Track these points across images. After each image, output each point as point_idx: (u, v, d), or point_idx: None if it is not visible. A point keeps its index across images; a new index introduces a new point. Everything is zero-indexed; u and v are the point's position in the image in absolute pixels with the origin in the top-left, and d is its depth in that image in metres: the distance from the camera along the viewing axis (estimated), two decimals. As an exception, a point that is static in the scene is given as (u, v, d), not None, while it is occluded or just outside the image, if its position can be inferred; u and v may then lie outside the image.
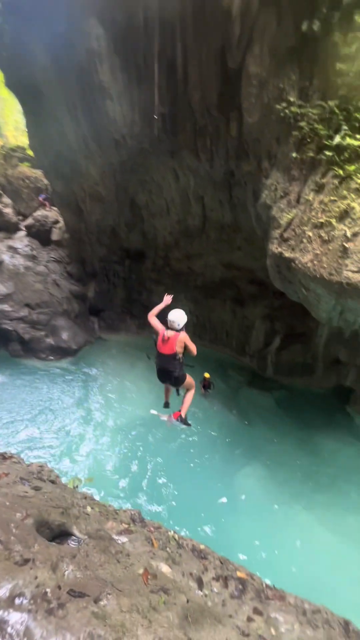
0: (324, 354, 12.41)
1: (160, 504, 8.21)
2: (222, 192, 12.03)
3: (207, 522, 7.77)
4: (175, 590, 2.14)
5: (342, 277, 5.28)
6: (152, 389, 12.90)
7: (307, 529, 7.71)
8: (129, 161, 11.97)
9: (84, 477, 7.83)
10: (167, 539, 3.37)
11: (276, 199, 7.33)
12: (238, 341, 15.16)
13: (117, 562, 2.12)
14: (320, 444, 10.57)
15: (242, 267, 14.27)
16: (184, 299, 15.87)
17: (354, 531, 7.58)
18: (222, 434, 10.88)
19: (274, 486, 8.94)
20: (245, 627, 2.16)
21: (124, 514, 3.62)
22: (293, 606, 2.67)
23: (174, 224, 14.56)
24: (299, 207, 6.57)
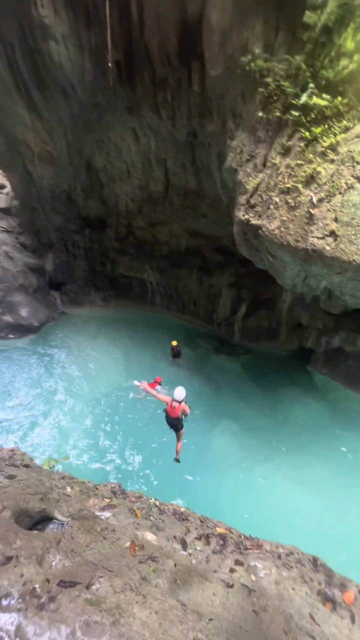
0: (287, 319, 13.00)
1: (139, 473, 8.48)
2: (186, 155, 11.44)
3: (182, 485, 8.20)
4: (162, 557, 2.21)
5: (308, 243, 5.36)
6: (118, 361, 12.84)
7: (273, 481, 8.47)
8: (81, 117, 10.80)
9: (60, 457, 7.77)
10: (149, 507, 3.46)
11: (242, 162, 7.10)
12: (205, 310, 15.33)
13: (103, 539, 2.12)
14: (284, 402, 11.38)
15: (208, 235, 14.07)
16: (149, 269, 15.50)
17: (314, 480, 8.46)
18: (192, 400, 11.26)
19: (242, 444, 9.58)
20: (229, 579, 2.32)
21: (105, 489, 3.64)
22: (269, 552, 2.91)
23: (135, 190, 13.76)
24: (265, 172, 6.43)
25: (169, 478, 8.30)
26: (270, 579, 2.54)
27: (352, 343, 10.90)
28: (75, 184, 13.46)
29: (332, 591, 2.54)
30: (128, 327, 15.27)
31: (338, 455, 9.33)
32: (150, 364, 12.88)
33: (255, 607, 2.12)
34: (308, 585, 2.57)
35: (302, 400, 11.28)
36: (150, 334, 14.81)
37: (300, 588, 2.52)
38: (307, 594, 2.49)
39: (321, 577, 2.70)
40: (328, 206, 5.16)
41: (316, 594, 2.51)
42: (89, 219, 15.41)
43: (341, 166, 5.21)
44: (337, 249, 5.10)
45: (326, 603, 2.51)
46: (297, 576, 2.62)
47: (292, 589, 2.49)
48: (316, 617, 2.32)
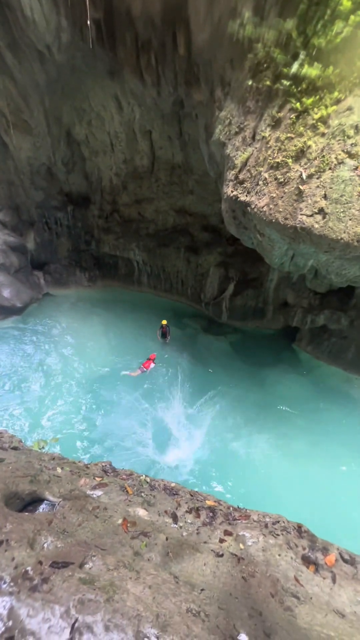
0: (273, 298, 13.10)
1: (129, 451, 8.65)
2: (172, 127, 10.94)
3: (174, 462, 8.44)
4: (154, 531, 2.27)
5: (297, 221, 5.29)
6: (105, 342, 12.76)
7: (259, 453, 8.82)
8: (59, 82, 10.06)
9: (49, 438, 7.80)
10: (140, 483, 3.53)
11: (231, 134, 6.83)
12: (193, 290, 15.25)
13: (95, 517, 2.15)
14: (270, 379, 11.68)
15: (195, 212, 13.76)
16: (135, 248, 15.16)
17: (298, 451, 8.85)
18: (182, 379, 11.42)
19: (229, 419, 9.87)
20: (219, 549, 2.41)
21: (95, 467, 3.67)
22: (257, 522, 3.03)
23: (120, 164, 13.17)
24: (254, 145, 6.21)
25: (159, 452, 8.53)
26: (257, 547, 2.65)
27: (337, 321, 11.14)
28: (55, 157, 12.74)
29: (315, 555, 2.69)
30: (115, 308, 15.09)
31: (321, 427, 9.75)
32: (138, 344, 12.87)
33: (244, 574, 2.22)
34: (293, 550, 2.70)
35: (287, 377, 11.60)
36: (137, 314, 14.70)
37: (285, 554, 2.63)
38: (292, 559, 2.61)
39: (305, 543, 2.83)
40: (318, 182, 5.07)
41: (300, 558, 2.64)
42: (71, 195, 14.75)
43: (332, 140, 5.07)
44: (326, 227, 5.06)
45: (309, 566, 2.65)
46: (282, 543, 2.74)
47: (278, 555, 2.61)
48: (300, 579, 2.44)
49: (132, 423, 9.43)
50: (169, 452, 8.71)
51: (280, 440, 9.21)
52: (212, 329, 14.27)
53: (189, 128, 10.66)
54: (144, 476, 3.79)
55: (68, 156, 12.94)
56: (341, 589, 2.45)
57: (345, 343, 11.33)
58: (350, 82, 4.91)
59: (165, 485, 3.69)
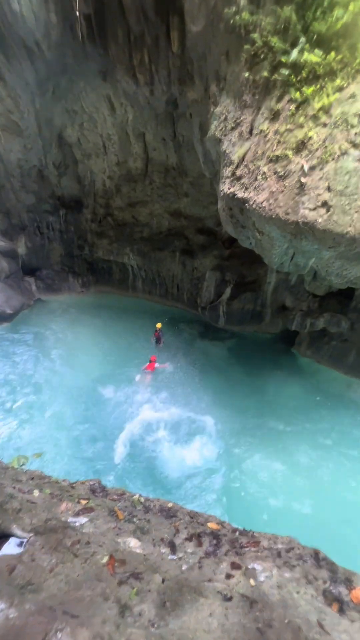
0: (271, 301, 12.82)
1: (123, 464, 8.15)
2: (166, 128, 10.75)
3: (173, 473, 7.97)
4: (147, 571, 1.86)
5: (299, 215, 4.99)
6: (99, 350, 12.31)
7: (259, 463, 8.38)
8: (50, 82, 9.83)
9: (32, 454, 7.23)
10: (133, 504, 3.10)
11: (226, 130, 6.58)
12: (189, 294, 14.92)
13: (74, 557, 1.73)
14: (269, 385, 11.30)
15: (190, 215, 13.52)
16: (129, 252, 14.84)
17: (300, 460, 8.44)
18: (178, 387, 10.98)
19: (228, 427, 9.43)
20: (226, 589, 2.00)
21: (82, 487, 3.24)
22: (267, 549, 2.61)
23: (113, 167, 12.94)
24: (252, 140, 5.96)
25: (154, 465, 8.05)
26: (271, 583, 2.24)
27: (337, 324, 10.86)
28: (46, 159, 12.47)
29: (337, 589, 2.28)
30: (109, 314, 14.68)
31: (323, 435, 9.35)
32: (133, 351, 12.43)
33: (259, 624, 1.80)
34: (313, 585, 2.29)
35: (287, 383, 11.23)
36: (132, 320, 14.30)
37: (305, 590, 2.22)
38: (312, 597, 2.20)
39: (325, 574, 2.43)
40: (320, 174, 4.79)
41: (322, 595, 2.23)
42: (63, 199, 14.45)
43: (334, 130, 4.82)
44: (330, 221, 4.77)
45: (333, 603, 2.23)
46: (300, 576, 2.33)
47: (296, 592, 2.20)
48: (325, 624, 2.02)
49: (126, 434, 8.95)
50: (164, 462, 8.24)
51: (279, 449, 8.79)
52: (209, 334, 13.90)
53: (183, 129, 10.46)
54: (137, 496, 3.36)
55: (60, 159, 12.68)
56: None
57: (346, 347, 11.03)
58: (353, 69, 4.68)
59: (161, 506, 3.26)
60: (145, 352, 12.42)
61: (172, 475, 7.86)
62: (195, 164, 10.86)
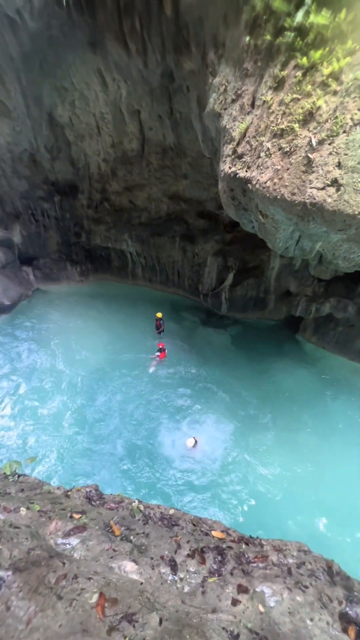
0: (275, 287, 12.44)
1: (123, 455, 8.07)
2: (162, 105, 10.10)
3: (176, 462, 7.88)
4: (143, 609, 1.65)
5: (306, 195, 4.60)
6: (100, 340, 12.08)
7: (265, 449, 8.27)
8: (36, 56, 9.18)
9: (25, 458, 6.98)
10: (132, 513, 2.91)
11: (226, 103, 6.07)
12: (191, 281, 14.55)
13: (57, 599, 1.52)
14: (273, 372, 11.09)
15: (190, 198, 12.97)
16: (128, 238, 14.38)
17: (304, 446, 8.31)
18: (180, 376, 10.81)
19: (233, 415, 9.30)
20: (232, 623, 1.79)
21: (77, 495, 3.05)
22: (277, 565, 2.41)
23: (108, 149, 12.33)
24: (254, 113, 5.47)
25: (159, 453, 7.96)
26: (282, 609, 2.04)
27: (343, 309, 10.51)
28: (37, 142, 11.88)
29: (354, 610, 2.09)
30: (109, 303, 14.39)
31: (329, 421, 9.20)
32: (134, 341, 12.22)
33: (270, 669, 1.59)
34: (328, 609, 2.08)
35: (291, 370, 11.01)
36: (133, 309, 14.02)
37: (319, 617, 2.02)
38: (328, 624, 1.99)
39: (340, 593, 2.23)
40: (330, 149, 4.36)
41: (338, 618, 2.03)
42: (58, 184, 13.90)
43: (346, 98, 4.35)
44: (340, 201, 4.37)
45: (350, 627, 2.03)
46: (314, 599, 2.13)
47: (309, 619, 1.99)
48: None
49: (128, 426, 8.85)
50: (169, 452, 8.15)
51: (285, 434, 8.67)
52: (212, 322, 13.62)
53: (181, 105, 9.82)
54: (136, 502, 3.16)
55: (51, 141, 12.08)
56: None
57: (352, 332, 10.72)
58: (367, 27, 4.18)
59: (162, 514, 3.07)
60: (147, 341, 12.21)
61: (173, 463, 7.78)
62: (194, 143, 10.28)
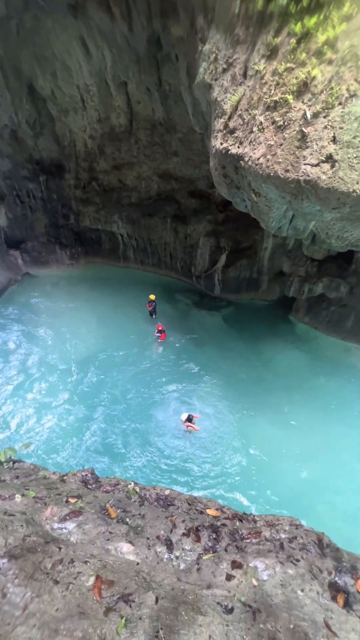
0: (268, 267, 12.36)
1: (120, 436, 8.18)
2: (149, 75, 9.58)
3: (172, 444, 8.03)
4: (139, 589, 1.69)
5: (300, 172, 4.46)
6: (92, 324, 11.97)
7: (259, 427, 8.47)
8: (12, 21, 8.52)
9: (20, 445, 6.93)
10: (128, 495, 2.96)
11: (217, 73, 5.76)
12: (183, 263, 14.36)
13: (54, 584, 1.54)
14: (266, 352, 11.21)
15: (181, 177, 12.58)
16: (118, 220, 14.02)
17: (297, 424, 8.53)
18: (175, 357, 10.87)
19: (226, 395, 9.44)
20: (227, 597, 1.86)
21: (74, 479, 3.08)
22: (269, 541, 2.49)
23: (94, 124, 11.76)
24: (246, 84, 5.21)
25: (155, 434, 8.10)
26: (275, 581, 2.12)
27: (336, 289, 10.54)
28: (18, 117, 11.25)
29: (343, 579, 2.19)
30: (101, 287, 14.18)
31: (321, 399, 9.41)
32: (127, 325, 12.14)
33: (263, 639, 1.66)
34: (318, 580, 2.18)
35: (284, 350, 11.14)
36: (125, 292, 13.85)
37: (310, 587, 2.11)
38: (318, 594, 2.09)
39: (330, 564, 2.32)
40: (325, 122, 4.19)
41: (327, 587, 2.13)
42: (42, 163, 13.31)
43: (342, 67, 4.15)
44: (335, 178, 4.25)
45: (339, 595, 2.13)
46: (305, 571, 2.22)
47: (300, 590, 2.08)
48: (332, 624, 1.91)
49: (122, 407, 8.94)
50: (165, 432, 8.29)
51: (278, 413, 8.87)
52: (205, 304, 13.58)
53: (169, 76, 9.33)
54: (132, 485, 3.22)
55: (33, 116, 11.44)
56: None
57: (345, 312, 10.81)
58: (366, -12, 3.92)
59: (158, 495, 3.13)
60: (140, 324, 12.17)
61: (169, 445, 7.94)
62: (184, 117, 9.85)
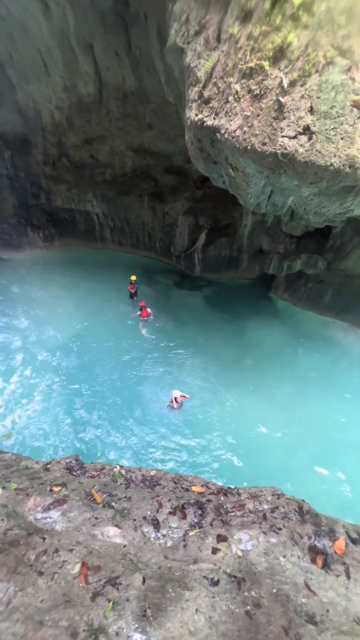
0: (248, 245, 12.32)
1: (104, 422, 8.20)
2: (117, 38, 8.90)
3: (158, 424, 8.14)
4: (126, 572, 1.71)
5: (277, 145, 4.33)
6: (70, 309, 11.67)
7: (243, 402, 8.72)
8: None
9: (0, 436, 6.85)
10: (114, 479, 2.98)
11: (189, 36, 5.40)
12: (162, 243, 14.06)
13: (38, 575, 1.52)
14: (248, 330, 11.39)
15: (156, 152, 12.06)
16: (92, 198, 13.41)
17: (279, 398, 8.83)
18: (159, 339, 10.85)
19: (210, 372, 9.60)
20: (212, 570, 1.92)
21: (57, 467, 3.05)
22: (253, 512, 2.58)
23: (60, 94, 10.92)
24: (220, 48, 4.92)
25: (141, 415, 8.19)
26: (258, 550, 2.21)
27: (314, 265, 10.69)
28: (-25, 85, 10.25)
29: (322, 542, 2.31)
30: (78, 270, 13.72)
31: (302, 372, 9.75)
32: (108, 307, 11.92)
33: (247, 606, 1.74)
34: (299, 546, 2.29)
35: (265, 327, 11.35)
36: (103, 274, 13.49)
37: (291, 552, 2.21)
38: (299, 558, 2.20)
39: (310, 529, 2.44)
40: (302, 91, 4.05)
41: (308, 550, 2.24)
42: (6, 137, 12.35)
43: (318, 32, 3.98)
44: (312, 151, 4.17)
45: (317, 557, 2.26)
46: (286, 539, 2.32)
47: (282, 556, 2.18)
48: (312, 584, 2.03)
49: (108, 390, 8.92)
50: (150, 413, 8.39)
51: (261, 388, 9.13)
52: (186, 284, 13.48)
53: (139, 39, 8.68)
54: (118, 468, 3.23)
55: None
56: (357, 585, 2.07)
57: (322, 287, 11.04)
58: None
59: (144, 476, 3.16)
60: (121, 307, 11.98)
61: (155, 425, 8.06)
62: (158, 87, 9.30)
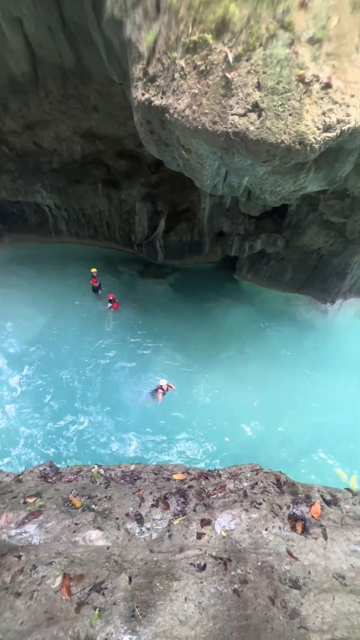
0: (208, 228, 12.31)
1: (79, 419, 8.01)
2: (49, 11, 8.21)
3: (135, 414, 8.09)
4: (112, 574, 1.66)
5: (228, 124, 4.26)
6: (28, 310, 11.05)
7: (215, 384, 8.92)
8: None
9: None
10: (92, 479, 2.89)
11: (127, 6, 5.07)
12: (122, 231, 13.62)
13: (15, 597, 1.43)
14: (215, 312, 11.56)
15: (105, 136, 11.48)
16: (41, 189, 12.57)
17: (251, 376, 9.13)
18: (127, 329, 10.67)
19: (181, 358, 9.68)
20: (199, 556, 1.93)
21: (31, 476, 2.91)
22: (234, 492, 2.64)
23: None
24: (161, 19, 4.67)
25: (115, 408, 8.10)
26: (241, 528, 2.26)
27: (273, 244, 10.96)
28: None
29: (300, 509, 2.42)
30: (34, 266, 12.94)
31: (270, 349, 10.13)
32: (70, 304, 11.43)
33: (235, 584, 1.77)
34: (279, 517, 2.36)
35: (232, 309, 11.57)
36: (63, 270, 12.86)
37: (272, 525, 2.28)
38: (280, 529, 2.28)
39: (288, 499, 2.54)
40: (248, 66, 3.98)
41: (287, 520, 2.33)
42: None
43: (258, 5, 3.88)
44: (263, 128, 4.15)
45: (297, 524, 2.35)
46: (267, 512, 2.39)
47: (265, 529, 2.24)
48: (293, 550, 2.11)
49: (81, 385, 8.69)
50: (125, 404, 8.32)
51: (232, 368, 9.38)
52: (150, 272, 13.27)
53: (73, 12, 8.05)
54: (96, 467, 3.15)
55: None
56: (334, 543, 2.19)
57: (283, 265, 11.40)
58: None
59: (123, 472, 3.11)
60: (84, 303, 11.56)
61: (132, 415, 8.03)
62: (100, 64, 8.75)
